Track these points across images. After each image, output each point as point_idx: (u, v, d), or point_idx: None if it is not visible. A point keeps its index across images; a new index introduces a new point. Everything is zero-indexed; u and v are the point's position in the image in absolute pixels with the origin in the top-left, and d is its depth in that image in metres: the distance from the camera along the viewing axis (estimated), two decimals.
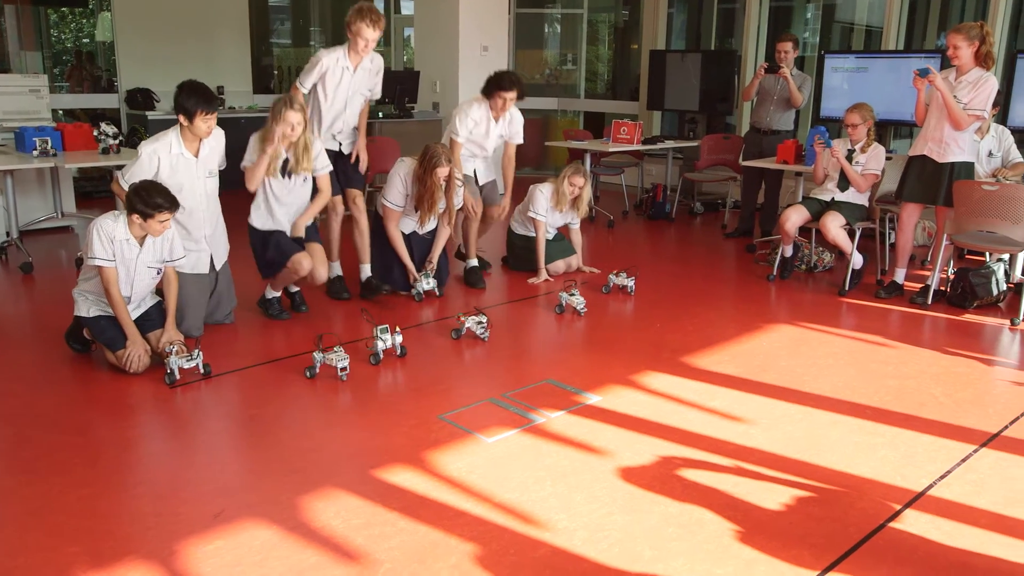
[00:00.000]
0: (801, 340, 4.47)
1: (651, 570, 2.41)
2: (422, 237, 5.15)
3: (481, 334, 4.30)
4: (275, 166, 4.37)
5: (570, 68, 10.90)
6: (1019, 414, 3.55)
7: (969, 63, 4.78)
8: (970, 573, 2.43)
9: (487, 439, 3.22)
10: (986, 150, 5.56)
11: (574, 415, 3.46)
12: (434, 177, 4.79)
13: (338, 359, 3.74)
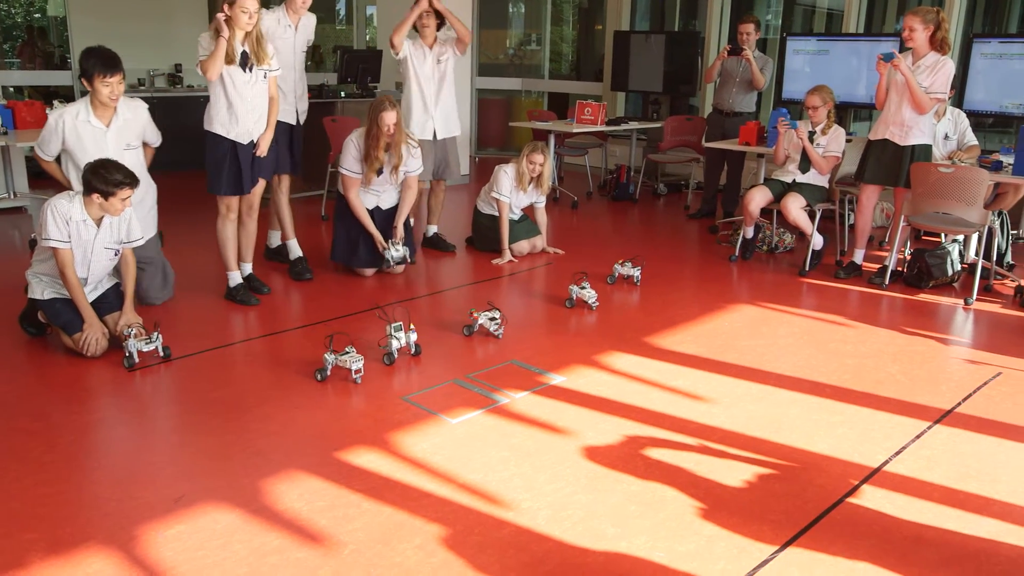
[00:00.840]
0: (762, 320, 4.53)
1: (614, 548, 2.44)
2: (386, 212, 5.11)
3: (495, 331, 4.09)
4: (234, 56, 4.20)
5: (534, 48, 10.87)
6: (971, 391, 3.64)
7: (924, 47, 4.86)
8: (922, 546, 2.49)
9: (451, 420, 3.22)
10: (942, 133, 5.65)
11: (538, 395, 3.48)
12: (380, 122, 4.75)
13: (352, 361, 3.51)
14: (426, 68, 5.58)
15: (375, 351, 3.79)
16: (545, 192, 5.66)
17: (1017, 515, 2.67)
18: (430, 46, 5.58)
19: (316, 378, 3.53)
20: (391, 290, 4.90)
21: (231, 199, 4.46)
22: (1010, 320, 4.64)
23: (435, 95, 5.63)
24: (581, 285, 4.58)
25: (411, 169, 5.07)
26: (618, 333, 4.24)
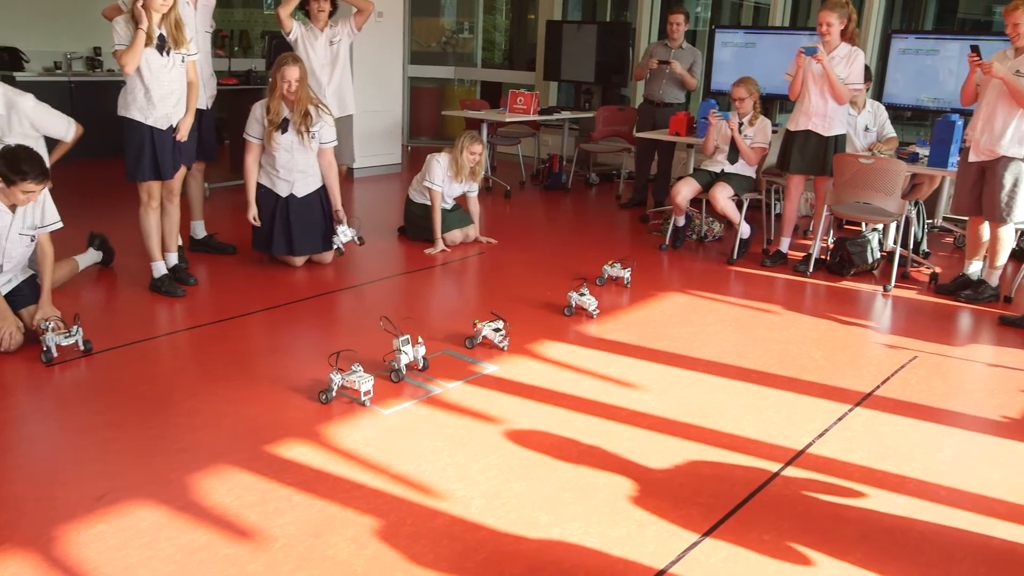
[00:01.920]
0: (692, 308, 4.61)
1: (547, 535, 2.46)
2: (302, 201, 4.97)
3: (499, 342, 3.85)
4: (152, 40, 4.07)
5: (467, 37, 10.82)
6: (889, 375, 3.77)
7: (837, 39, 5.03)
8: (843, 523, 2.58)
9: (384, 411, 3.20)
10: (862, 125, 5.83)
11: (471, 385, 3.48)
12: (280, 77, 4.68)
13: (360, 380, 3.22)
14: (318, 52, 5.62)
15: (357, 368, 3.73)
16: (478, 181, 5.65)
17: (930, 492, 2.78)
18: (321, 28, 5.60)
19: (320, 400, 3.23)
20: (320, 280, 4.83)
21: (152, 186, 4.33)
22: (925, 306, 4.83)
23: (328, 77, 5.66)
24: (580, 292, 4.34)
25: (325, 139, 4.96)
26: (550, 322, 4.27)
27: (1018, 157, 4.56)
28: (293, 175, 4.92)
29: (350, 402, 3.25)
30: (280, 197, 4.91)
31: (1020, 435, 3.23)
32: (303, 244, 4.99)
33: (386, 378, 3.45)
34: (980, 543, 2.51)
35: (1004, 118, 4.53)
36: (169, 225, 4.55)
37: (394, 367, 3.48)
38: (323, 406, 3.21)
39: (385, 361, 3.54)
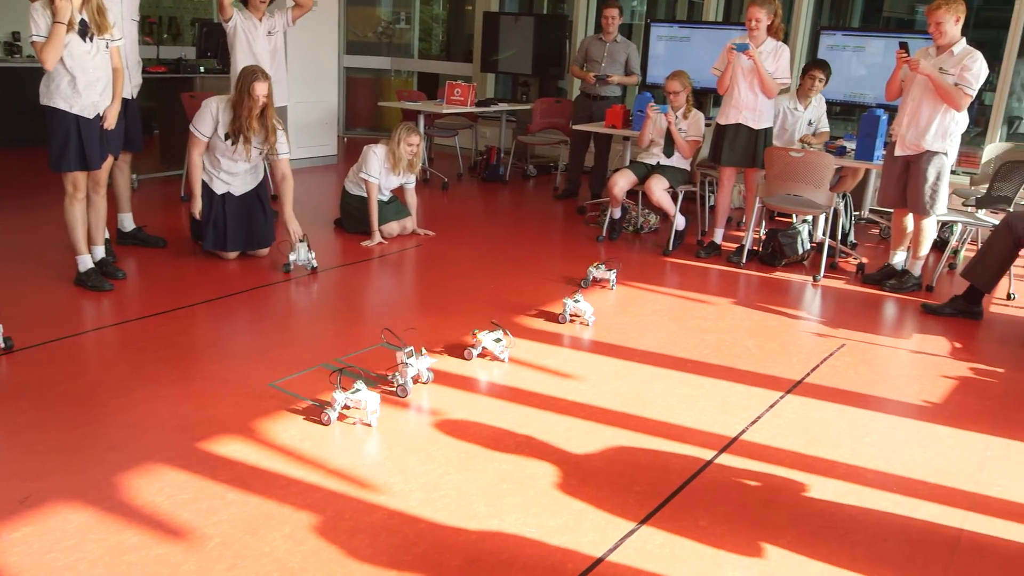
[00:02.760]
0: (628, 298, 4.66)
1: (486, 526, 2.46)
2: (238, 199, 4.89)
3: (500, 353, 3.67)
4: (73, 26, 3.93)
5: (403, 27, 10.72)
6: (818, 363, 3.88)
7: (764, 35, 5.15)
8: (775, 508, 2.64)
9: (319, 405, 3.16)
10: (807, 119, 5.97)
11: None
12: (252, 94, 4.58)
13: (367, 400, 3.02)
14: (259, 42, 5.62)
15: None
16: (416, 173, 5.61)
17: (857, 475, 2.87)
18: (260, 18, 5.59)
19: (323, 420, 3.02)
20: (255, 273, 4.74)
21: (78, 177, 4.19)
22: (853, 295, 4.97)
23: (269, 66, 5.61)
24: (575, 298, 4.19)
25: (282, 152, 4.90)
26: (488, 313, 4.27)
27: (941, 151, 4.73)
28: (235, 179, 4.87)
29: (286, 397, 3.20)
30: (215, 194, 4.81)
31: (941, 419, 3.36)
32: (237, 240, 4.89)
33: (390, 393, 3.29)
34: (903, 523, 2.60)
35: (929, 114, 4.68)
36: (95, 217, 4.41)
37: (398, 381, 3.29)
38: (259, 402, 3.16)
39: (389, 376, 3.38)
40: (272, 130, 4.75)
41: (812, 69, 5.85)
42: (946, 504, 2.73)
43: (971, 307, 4.57)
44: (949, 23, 4.56)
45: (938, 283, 5.21)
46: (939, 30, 4.59)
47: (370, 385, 3.12)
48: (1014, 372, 3.90)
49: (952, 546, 2.50)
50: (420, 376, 3.38)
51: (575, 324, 4.20)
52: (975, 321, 4.53)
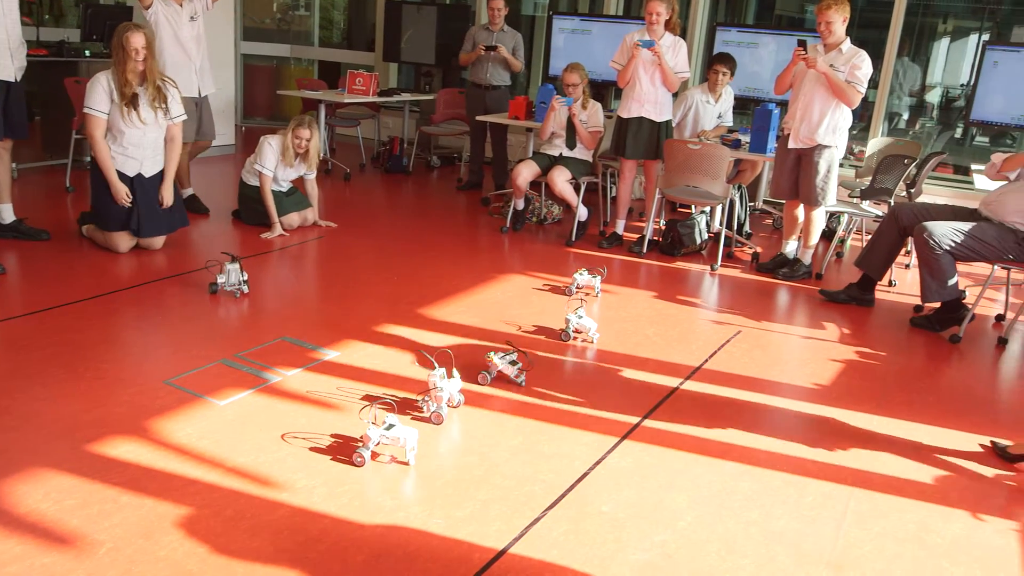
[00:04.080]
0: (532, 288, 4.70)
1: (391, 520, 2.45)
2: (150, 181, 4.69)
3: (515, 376, 3.40)
4: None
5: (303, 14, 10.48)
6: (716, 349, 4.00)
7: (662, 29, 5.27)
8: (676, 491, 2.72)
9: (218, 402, 3.07)
10: (716, 112, 6.13)
11: (311, 372, 3.39)
12: (126, 45, 4.42)
13: (405, 436, 2.72)
14: (184, 29, 5.44)
15: None
16: (314, 165, 5.49)
17: (751, 457, 2.98)
18: (181, 4, 5.43)
19: (355, 462, 2.73)
20: (148, 267, 4.56)
21: None
22: (748, 283, 5.15)
23: (196, 52, 5.53)
24: (578, 313, 3.94)
25: (175, 115, 4.74)
26: (392, 305, 4.23)
27: (832, 145, 4.94)
28: (143, 152, 4.66)
29: (182, 394, 3.10)
30: (126, 176, 4.61)
31: (829, 400, 3.52)
32: (150, 226, 4.72)
33: (421, 419, 3.07)
34: (796, 502, 2.72)
35: (820, 109, 4.88)
36: None
37: (431, 408, 3.06)
38: (154, 400, 3.04)
39: (419, 400, 3.16)
40: (158, 87, 4.59)
41: (716, 63, 6.02)
42: (834, 481, 2.87)
43: (864, 295, 4.80)
44: (837, 23, 4.77)
45: (827, 271, 5.46)
46: (829, 29, 4.79)
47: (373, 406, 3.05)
48: (895, 355, 4.12)
49: (839, 521, 2.63)
50: (452, 399, 3.15)
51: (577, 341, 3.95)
52: (867, 308, 4.76)
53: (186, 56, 5.47)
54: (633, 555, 2.38)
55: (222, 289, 4.18)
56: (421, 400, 3.11)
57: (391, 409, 2.98)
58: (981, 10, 10.81)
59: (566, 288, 4.64)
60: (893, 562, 2.45)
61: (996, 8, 10.59)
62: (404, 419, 2.98)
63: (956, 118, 10.00)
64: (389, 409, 2.97)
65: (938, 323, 4.46)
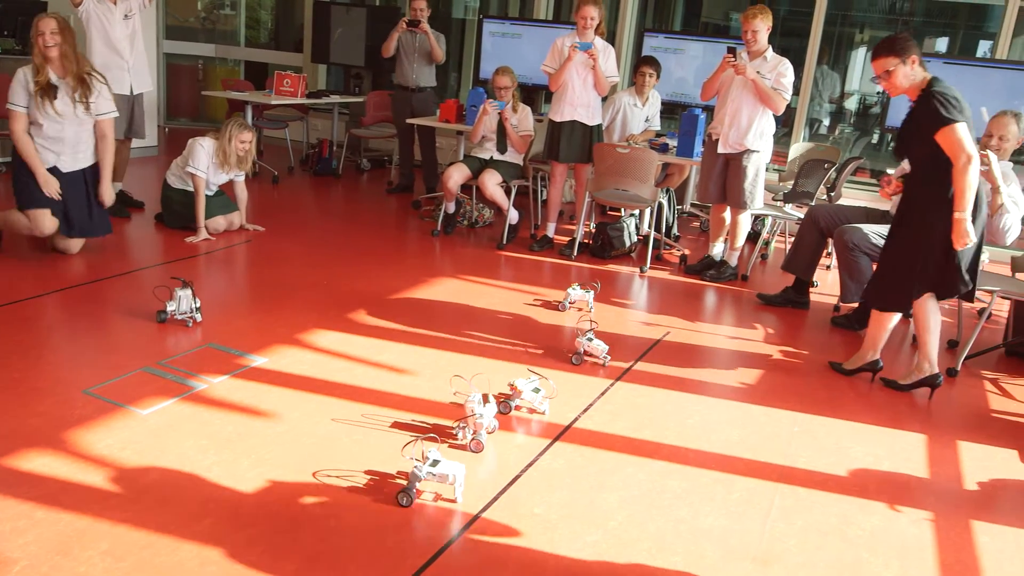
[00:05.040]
0: (463, 292, 4.69)
1: (325, 525, 2.41)
2: (67, 177, 4.52)
3: (538, 405, 3.26)
4: None
5: (229, 13, 10.26)
6: (646, 349, 4.06)
7: (594, 33, 5.34)
8: (607, 491, 2.75)
9: (141, 411, 2.98)
10: (644, 115, 6.22)
11: (238, 379, 3.32)
12: (34, 31, 4.31)
13: (454, 472, 2.57)
14: (117, 27, 5.37)
15: None
16: (246, 168, 5.38)
17: (681, 456, 3.03)
18: (115, 2, 5.34)
19: (401, 503, 2.54)
20: (67, 272, 4.40)
21: None
22: (676, 285, 5.24)
23: (130, 50, 5.46)
24: (587, 336, 3.83)
25: (103, 111, 4.60)
26: (322, 310, 4.18)
27: (759, 150, 5.08)
28: (61, 146, 4.50)
29: (102, 404, 3.00)
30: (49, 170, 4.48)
31: (754, 399, 3.61)
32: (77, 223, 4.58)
33: (462, 448, 2.94)
34: (723, 498, 2.77)
35: (748, 115, 5.01)
36: None
37: (469, 435, 2.95)
38: (72, 411, 2.93)
39: (454, 427, 3.04)
40: (81, 80, 4.45)
41: (642, 66, 6.11)
42: (760, 478, 2.94)
43: (800, 297, 4.93)
44: (762, 31, 4.91)
45: (752, 272, 5.59)
46: (754, 37, 4.92)
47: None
48: (816, 353, 4.24)
49: (765, 516, 2.69)
50: (488, 427, 3.03)
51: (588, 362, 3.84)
52: (803, 310, 4.89)
53: (117, 54, 5.39)
54: (566, 556, 2.39)
55: (172, 318, 3.80)
56: (456, 427, 3.02)
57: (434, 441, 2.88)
58: (895, 21, 11.23)
59: (559, 304, 4.54)
60: (816, 554, 2.52)
61: (909, 19, 11.01)
62: (429, 446, 2.94)
63: (873, 124, 10.36)
64: (431, 441, 2.87)
65: (857, 322, 4.61)
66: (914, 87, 3.57)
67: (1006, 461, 3.28)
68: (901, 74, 3.54)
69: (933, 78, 3.57)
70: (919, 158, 3.59)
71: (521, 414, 3.24)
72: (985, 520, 2.81)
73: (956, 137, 3.40)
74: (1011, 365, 4.36)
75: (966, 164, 3.39)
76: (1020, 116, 4.31)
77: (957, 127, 3.39)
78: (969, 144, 3.40)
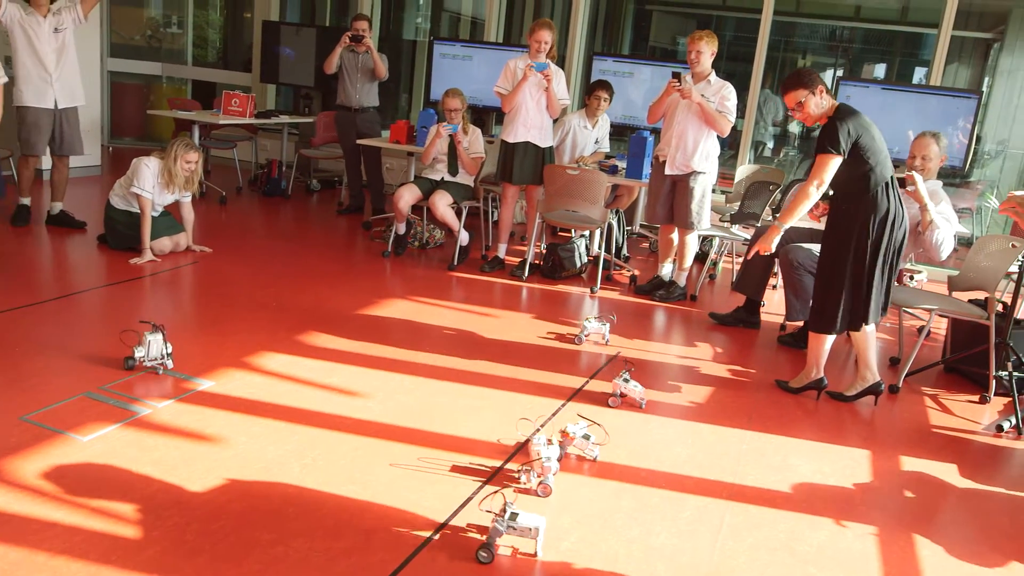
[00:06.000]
0: (414, 313, 4.67)
1: (270, 554, 2.36)
2: None
3: (588, 452, 3.15)
4: None
5: (176, 32, 10.14)
6: (596, 370, 4.08)
7: (545, 58, 5.41)
8: (560, 511, 2.74)
9: (82, 438, 2.90)
10: (594, 137, 6.28)
11: (184, 403, 3.25)
12: None
13: (536, 525, 2.44)
14: (44, 40, 5.31)
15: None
16: (193, 189, 5.30)
17: (632, 475, 3.05)
18: (44, 15, 5.28)
19: (480, 559, 2.42)
20: (8, 293, 4.27)
21: None
22: (627, 305, 5.29)
23: (56, 64, 5.41)
24: (624, 378, 3.68)
25: None
26: (271, 332, 4.12)
27: (705, 172, 5.17)
28: None
29: (40, 431, 2.91)
30: None
31: (704, 418, 3.65)
32: None
33: (523, 491, 2.85)
34: (673, 515, 2.79)
35: (694, 137, 5.10)
36: None
37: (535, 480, 2.86)
38: (8, 438, 2.84)
39: (518, 471, 2.94)
40: None
41: (597, 89, 6.18)
42: (709, 496, 2.97)
43: (750, 317, 5.01)
44: (707, 53, 5.02)
45: (701, 292, 5.67)
46: (699, 59, 5.02)
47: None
48: (764, 372, 4.31)
49: (715, 534, 2.72)
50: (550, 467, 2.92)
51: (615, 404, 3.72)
52: (749, 329, 4.96)
53: (42, 67, 5.36)
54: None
55: (140, 365, 3.50)
56: (520, 470, 2.94)
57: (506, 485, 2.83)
58: (836, 47, 11.57)
59: (575, 337, 4.47)
60: (765, 571, 2.55)
61: (848, 46, 11.36)
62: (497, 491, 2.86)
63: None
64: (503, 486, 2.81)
65: (802, 341, 4.69)
66: (823, 114, 3.77)
67: (946, 474, 3.36)
68: (812, 104, 3.75)
69: (840, 105, 3.78)
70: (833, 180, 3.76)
71: None
72: (926, 534, 2.87)
73: (823, 166, 3.67)
74: (950, 381, 4.48)
75: (812, 190, 3.70)
76: (939, 136, 4.52)
77: (829, 159, 3.65)
78: (827, 177, 3.67)
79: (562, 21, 8.08)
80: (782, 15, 9.69)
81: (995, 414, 4.08)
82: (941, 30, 6.63)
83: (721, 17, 11.44)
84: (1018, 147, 8.28)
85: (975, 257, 4.46)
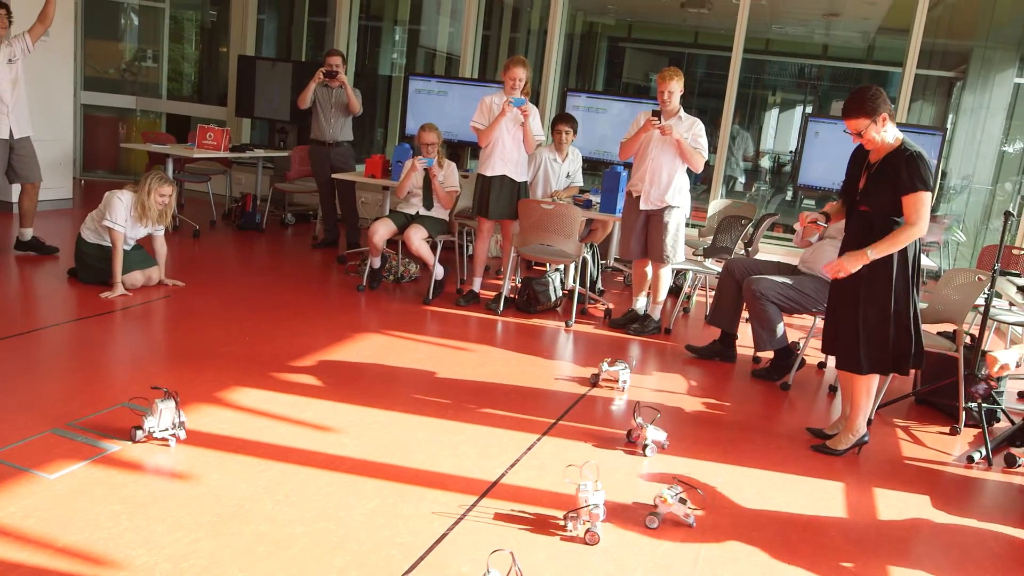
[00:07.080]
0: (389, 348, 4.65)
1: None
2: None
3: (685, 516, 3.00)
4: None
5: (150, 65, 10.13)
6: (571, 404, 4.08)
7: (520, 94, 5.47)
8: (534, 547, 2.73)
9: (48, 476, 2.84)
10: (565, 172, 6.33)
11: (154, 440, 3.20)
12: None
13: None
14: (1, 71, 5.48)
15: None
16: (166, 222, 5.27)
17: (607, 510, 3.03)
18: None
19: None
20: None
21: None
22: (602, 339, 5.31)
23: (11, 94, 5.57)
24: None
25: None
26: (244, 367, 4.08)
27: (679, 206, 5.23)
28: None
29: (5, 468, 2.85)
30: None
31: (680, 451, 3.64)
32: None
33: (578, 541, 2.81)
34: (649, 551, 2.78)
35: (668, 173, 5.17)
36: None
37: (581, 528, 2.83)
38: None
39: (564, 519, 2.88)
40: None
41: (559, 123, 6.25)
42: (687, 529, 2.96)
43: (726, 350, 5.04)
44: (677, 92, 5.11)
45: (675, 325, 5.70)
46: (670, 98, 5.11)
47: None
48: (739, 404, 4.33)
49: (691, 569, 2.71)
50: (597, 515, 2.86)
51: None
52: (725, 362, 4.98)
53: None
54: None
55: (150, 437, 3.19)
56: (565, 520, 2.88)
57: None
58: (804, 84, 11.81)
59: (591, 378, 4.44)
60: None
61: (817, 84, 11.59)
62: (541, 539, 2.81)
63: (786, 182, 10.78)
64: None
65: (775, 372, 4.74)
66: (885, 146, 3.58)
67: (919, 506, 3.39)
68: (873, 133, 3.54)
69: (904, 139, 3.59)
70: (882, 209, 3.59)
71: None
72: (901, 565, 2.88)
73: (921, 204, 3.48)
74: (921, 413, 4.53)
75: (912, 229, 3.50)
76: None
77: (924, 196, 3.47)
78: (927, 213, 3.50)
79: (537, 58, 8.19)
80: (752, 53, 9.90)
81: (966, 445, 4.12)
82: (905, 69, 6.79)
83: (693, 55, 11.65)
84: (982, 182, 8.47)
85: (943, 290, 4.53)
